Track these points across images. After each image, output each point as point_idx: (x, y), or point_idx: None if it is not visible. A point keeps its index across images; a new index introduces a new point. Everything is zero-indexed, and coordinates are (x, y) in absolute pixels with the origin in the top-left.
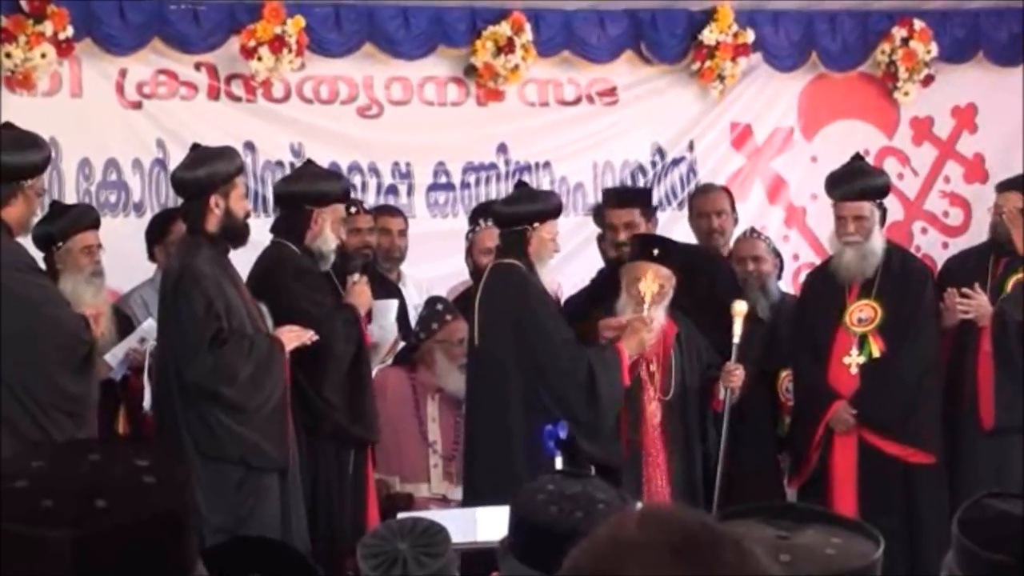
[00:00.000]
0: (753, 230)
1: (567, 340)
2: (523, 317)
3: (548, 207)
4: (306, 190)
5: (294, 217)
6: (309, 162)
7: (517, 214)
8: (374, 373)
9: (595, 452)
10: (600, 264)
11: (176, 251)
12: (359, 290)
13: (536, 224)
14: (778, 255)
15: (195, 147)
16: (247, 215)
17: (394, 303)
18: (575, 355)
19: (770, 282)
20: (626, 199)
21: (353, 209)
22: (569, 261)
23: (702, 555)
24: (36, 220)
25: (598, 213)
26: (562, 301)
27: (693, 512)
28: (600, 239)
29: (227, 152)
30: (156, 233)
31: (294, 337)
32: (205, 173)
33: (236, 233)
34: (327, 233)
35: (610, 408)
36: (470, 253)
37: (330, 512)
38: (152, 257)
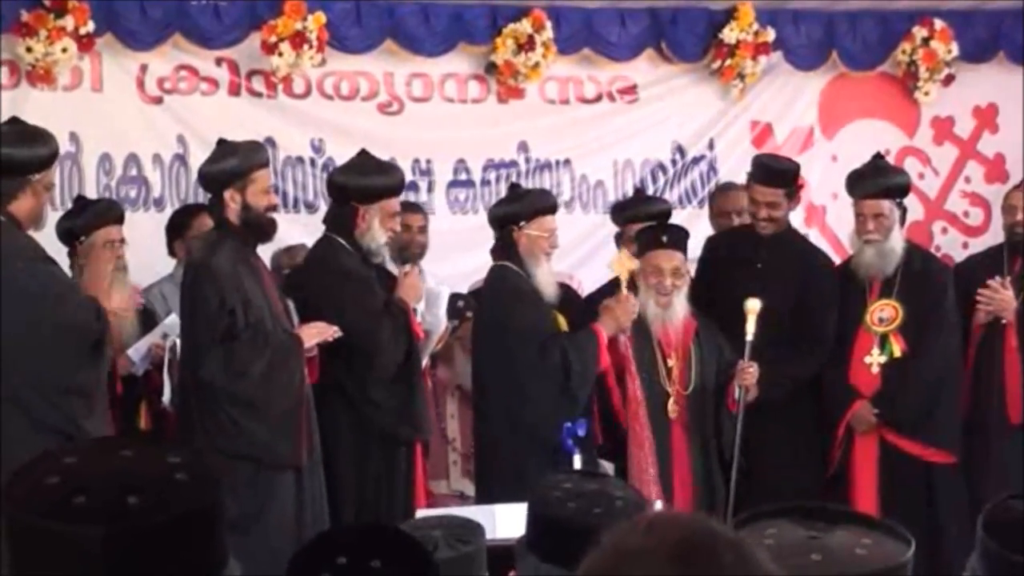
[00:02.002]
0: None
1: (537, 338)
2: (498, 321)
3: (530, 206)
4: (352, 185)
5: (342, 212)
6: (363, 153)
7: (502, 215)
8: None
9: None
10: None
11: (198, 246)
12: (410, 282)
13: (522, 223)
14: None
15: (221, 142)
16: (269, 208)
17: (445, 291)
18: (546, 351)
19: None
20: (775, 178)
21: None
22: (589, 259)
23: (700, 558)
24: (60, 215)
25: (617, 212)
26: (581, 297)
27: (699, 517)
28: (618, 238)
29: (244, 147)
30: (176, 228)
31: (315, 333)
32: (219, 168)
33: (258, 227)
34: (375, 229)
35: (581, 389)
36: None
37: (378, 511)
38: (172, 252)
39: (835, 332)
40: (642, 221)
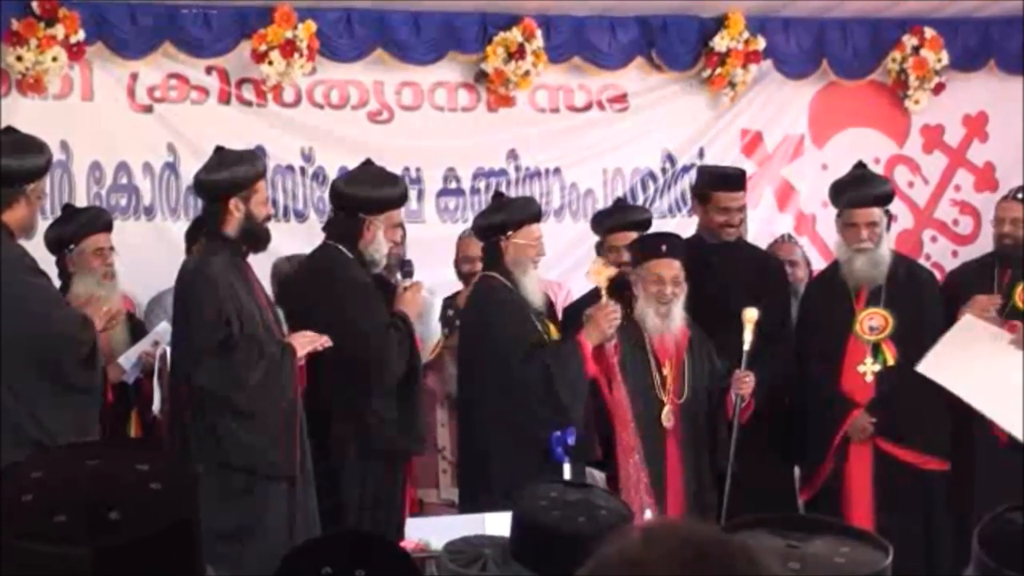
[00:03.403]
0: (790, 236)
1: (519, 348)
2: (482, 332)
3: (516, 215)
4: (361, 196)
5: (347, 222)
6: (368, 163)
7: (489, 225)
8: None
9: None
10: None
11: (193, 255)
12: (410, 297)
13: (510, 233)
14: (808, 262)
15: (219, 150)
16: (267, 218)
17: (437, 302)
18: (527, 361)
19: (801, 288)
20: (740, 183)
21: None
22: (579, 267)
23: (714, 567)
24: (49, 223)
25: (597, 221)
26: (566, 304)
27: (698, 524)
28: (599, 247)
29: (248, 156)
30: (196, 233)
31: (307, 342)
32: (226, 176)
33: (256, 237)
34: (380, 240)
35: (573, 402)
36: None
37: (377, 522)
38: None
39: (792, 327)
40: (623, 230)
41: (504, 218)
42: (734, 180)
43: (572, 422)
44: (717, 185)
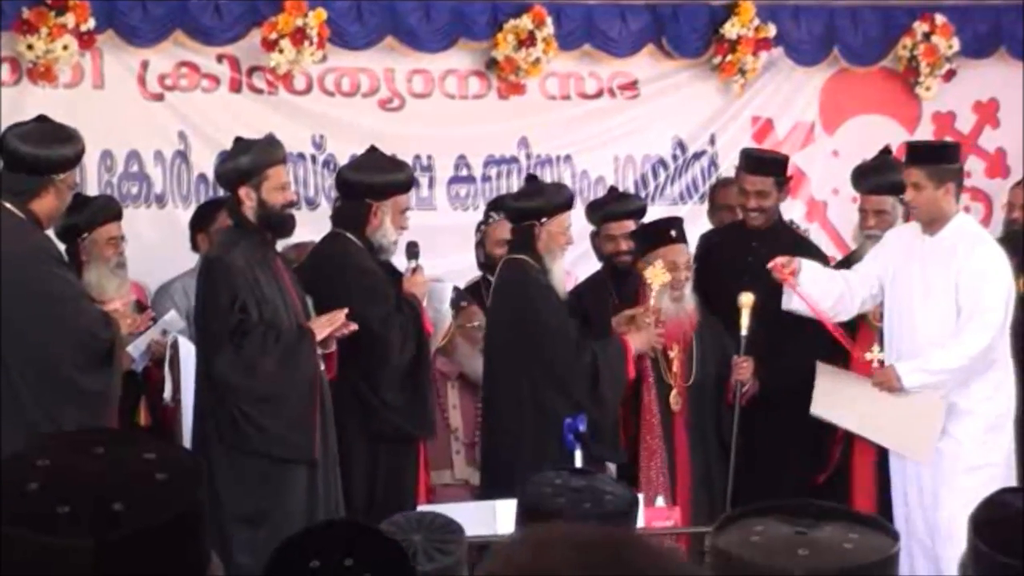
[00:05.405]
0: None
1: (571, 335)
2: (527, 315)
3: (555, 202)
4: (366, 182)
5: (354, 209)
6: (373, 149)
7: (526, 209)
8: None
9: (598, 449)
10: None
11: (215, 242)
12: (417, 279)
13: (544, 219)
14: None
15: (238, 140)
16: (287, 205)
17: (449, 286)
18: (580, 351)
19: None
20: (763, 166)
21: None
22: (588, 254)
23: (607, 566)
24: None
25: (592, 211)
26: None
27: (585, 528)
28: (594, 236)
29: (256, 144)
30: (199, 221)
31: (325, 322)
32: (233, 166)
33: (276, 223)
34: (387, 226)
35: (612, 402)
36: (482, 245)
37: (389, 507)
38: (195, 246)
39: None
40: (618, 219)
41: (541, 203)
42: (755, 162)
43: (607, 417)
44: (740, 166)
